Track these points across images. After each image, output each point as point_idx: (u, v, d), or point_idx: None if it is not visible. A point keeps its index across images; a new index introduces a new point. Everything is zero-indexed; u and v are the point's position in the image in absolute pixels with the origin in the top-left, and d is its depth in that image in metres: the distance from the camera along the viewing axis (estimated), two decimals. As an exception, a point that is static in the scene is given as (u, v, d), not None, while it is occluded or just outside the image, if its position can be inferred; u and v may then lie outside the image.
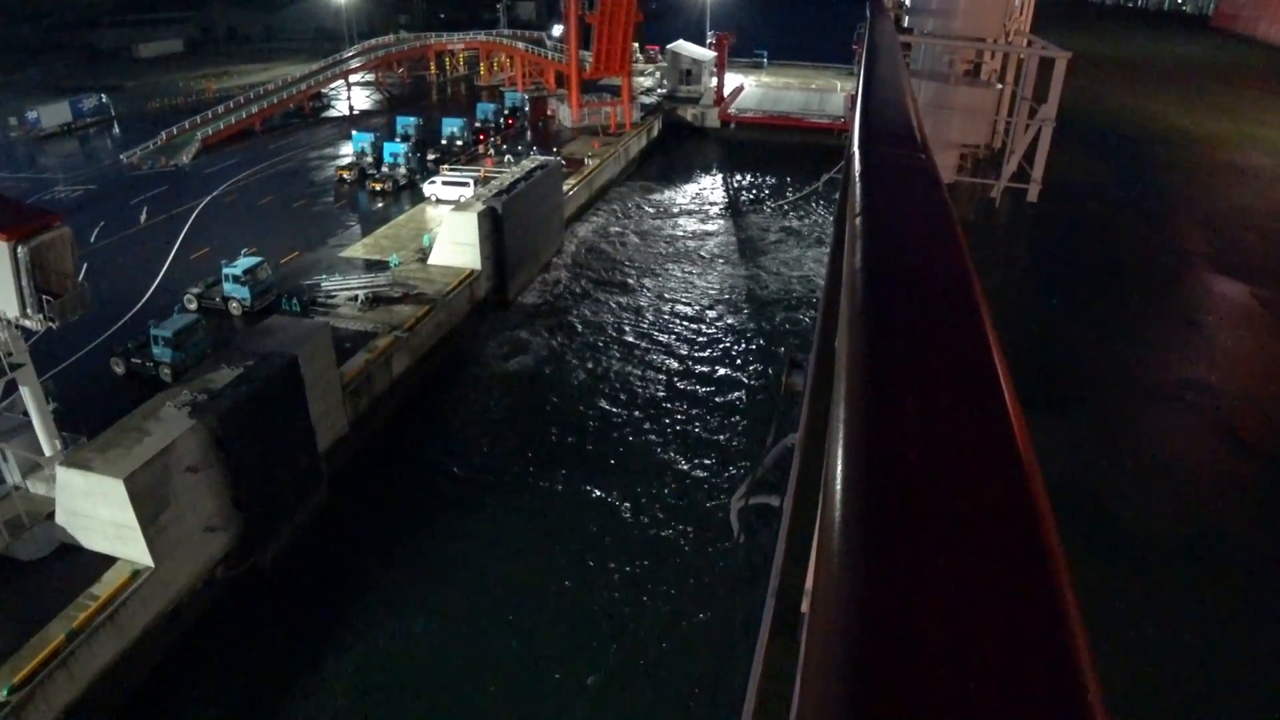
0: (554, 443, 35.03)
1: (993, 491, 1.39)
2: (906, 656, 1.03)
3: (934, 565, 1.19)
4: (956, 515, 1.31)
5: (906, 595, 1.13)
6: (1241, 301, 11.39)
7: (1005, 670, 1.01)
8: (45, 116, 75.56)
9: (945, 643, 1.05)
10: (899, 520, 1.31)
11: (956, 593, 1.13)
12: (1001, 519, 1.30)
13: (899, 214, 3.02)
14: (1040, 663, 1.03)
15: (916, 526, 1.28)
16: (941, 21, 14.13)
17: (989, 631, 1.07)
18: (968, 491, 1.39)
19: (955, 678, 1.00)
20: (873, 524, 1.31)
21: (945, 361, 1.89)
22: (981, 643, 1.05)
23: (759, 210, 64.81)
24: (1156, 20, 62.61)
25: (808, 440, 4.92)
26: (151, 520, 23.64)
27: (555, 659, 25.15)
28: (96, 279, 37.70)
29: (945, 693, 0.98)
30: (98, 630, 22.30)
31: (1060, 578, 1.15)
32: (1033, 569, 1.18)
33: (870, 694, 0.99)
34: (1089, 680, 0.99)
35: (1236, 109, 26.21)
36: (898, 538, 1.27)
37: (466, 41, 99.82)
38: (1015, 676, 1.00)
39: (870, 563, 1.22)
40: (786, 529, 4.57)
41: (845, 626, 1.11)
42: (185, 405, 25.53)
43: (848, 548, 1.27)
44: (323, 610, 26.62)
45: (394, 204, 55.77)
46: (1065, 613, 1.09)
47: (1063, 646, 1.04)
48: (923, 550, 1.23)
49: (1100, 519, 6.75)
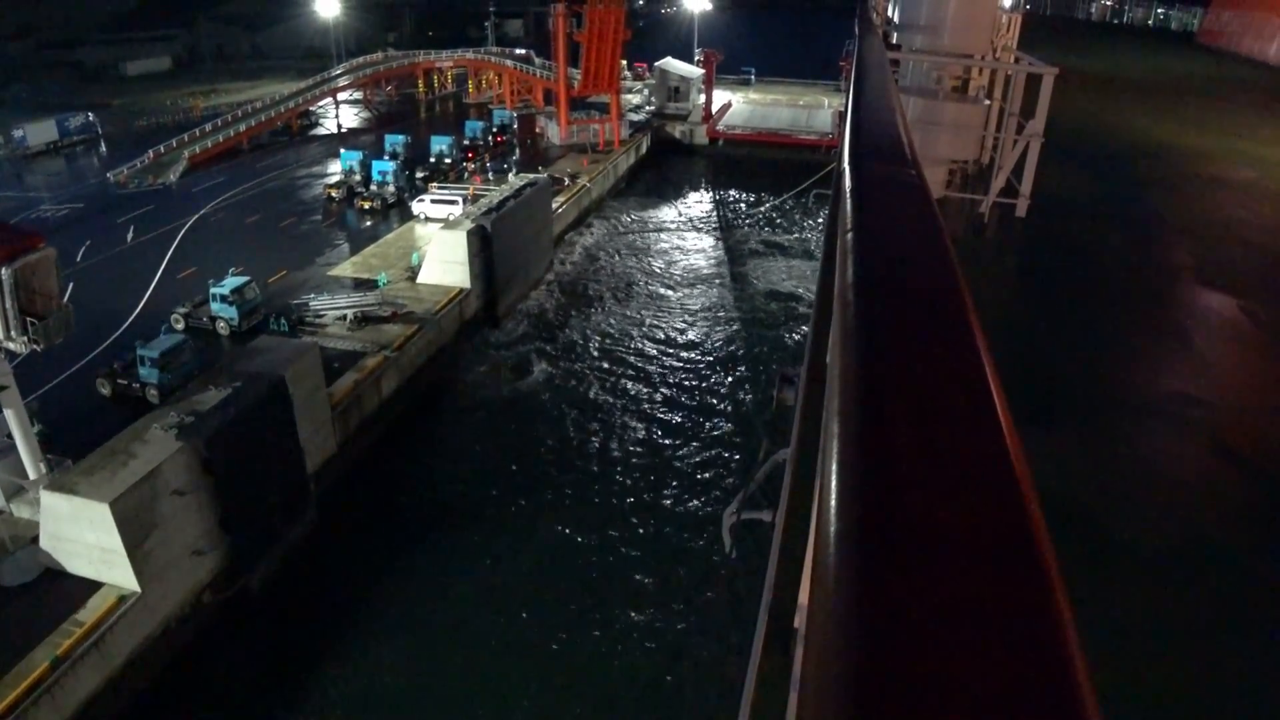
0: (544, 462, 34.91)
1: (989, 506, 1.39)
2: (906, 672, 1.03)
3: (933, 582, 1.19)
4: (954, 530, 1.31)
5: (905, 612, 1.14)
6: (1229, 315, 11.48)
7: (1003, 685, 1.01)
8: (31, 135, 75.19)
9: (945, 658, 1.05)
10: (897, 536, 1.31)
11: (956, 609, 1.14)
12: (998, 534, 1.30)
13: (890, 229, 3.03)
14: (1038, 680, 1.02)
15: (914, 543, 1.28)
16: (929, 38, 14.25)
17: (986, 647, 1.07)
18: (965, 506, 1.39)
19: (954, 693, 0.99)
20: (871, 540, 1.31)
21: (939, 375, 1.89)
22: (979, 658, 1.05)
23: (747, 226, 65.11)
24: (1142, 36, 63.36)
25: (799, 455, 4.91)
26: (138, 545, 23.35)
27: (544, 682, 24.95)
28: (82, 299, 37.59)
29: (945, 708, 0.97)
30: (83, 657, 21.91)
31: (1056, 593, 1.15)
32: (1030, 585, 1.18)
33: (870, 711, 0.99)
34: (1087, 697, 0.99)
35: (1221, 123, 26.53)
36: (895, 554, 1.27)
37: (455, 59, 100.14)
38: (1013, 692, 1.00)
39: (868, 579, 1.22)
40: (778, 544, 4.55)
41: (844, 643, 1.11)
42: (172, 427, 25.31)
43: (845, 564, 1.26)
44: (312, 634, 26.33)
45: (382, 222, 55.73)
46: (1062, 628, 1.09)
47: (1060, 663, 1.04)
48: (921, 566, 1.23)
49: (1091, 531, 6.76)
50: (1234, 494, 7.65)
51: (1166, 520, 7.25)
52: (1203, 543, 7.01)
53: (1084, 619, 1.11)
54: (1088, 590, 5.55)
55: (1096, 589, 5.84)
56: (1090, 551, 6.41)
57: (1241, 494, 7.67)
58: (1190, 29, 60.24)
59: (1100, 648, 5.46)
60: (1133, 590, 6.30)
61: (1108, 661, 4.96)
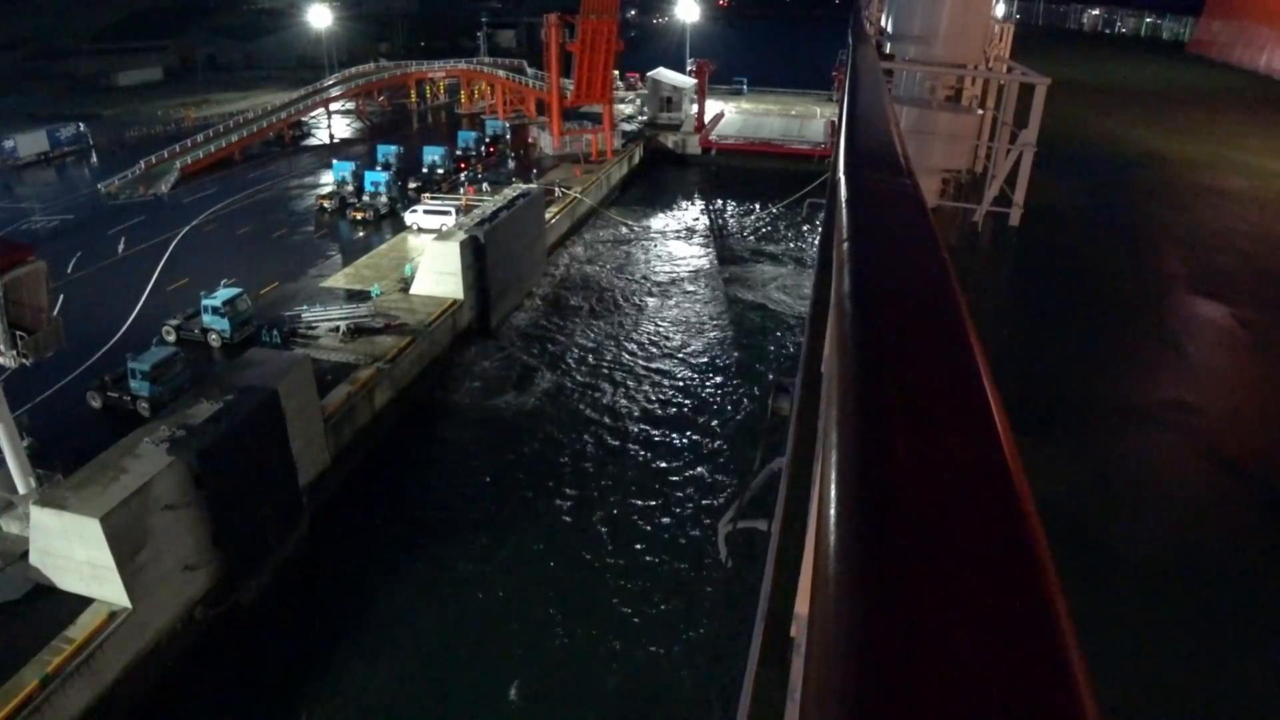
0: (538, 474, 34.81)
1: (987, 514, 1.39)
2: (907, 682, 1.03)
3: (933, 592, 1.20)
4: (953, 540, 1.31)
5: (905, 622, 1.14)
6: (1222, 323, 11.52)
7: (1004, 696, 1.00)
8: (22, 145, 75.00)
9: (946, 668, 1.05)
10: (896, 546, 1.31)
11: (956, 619, 1.16)
12: (997, 543, 1.31)
13: (885, 238, 3.03)
14: (1039, 691, 1.02)
15: (913, 552, 1.28)
16: (923, 48, 14.32)
17: (986, 657, 1.07)
18: (963, 515, 1.39)
19: (955, 703, 1.00)
20: (870, 550, 1.31)
21: (935, 384, 1.88)
22: (979, 668, 1.05)
23: (740, 236, 65.29)
24: (1134, 46, 63.78)
25: (795, 464, 4.90)
26: (129, 560, 23.11)
27: (537, 699, 24.82)
28: (73, 310, 37.46)
29: (947, 718, 0.97)
30: (73, 675, 21.64)
31: (1056, 602, 1.16)
32: (1029, 595, 1.19)
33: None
34: (1088, 708, 0.99)
35: (1212, 132, 26.71)
36: (895, 564, 1.27)
37: (447, 69, 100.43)
38: (1014, 702, 1.00)
39: (868, 590, 1.22)
40: (774, 553, 4.54)
41: (844, 653, 1.11)
42: (164, 441, 25.12)
43: (844, 574, 1.26)
44: (304, 649, 26.11)
45: (375, 233, 55.67)
46: (1062, 638, 1.09)
47: (1061, 673, 1.04)
48: (920, 576, 1.23)
49: (1087, 539, 6.76)
50: (1230, 501, 7.67)
51: (1162, 527, 7.26)
52: (1198, 550, 7.01)
53: (1082, 627, 1.11)
54: (1086, 598, 5.55)
55: (1094, 597, 5.83)
56: (1087, 559, 6.41)
57: (1237, 501, 7.69)
58: (1181, 39, 60.63)
59: (1098, 656, 5.45)
60: (1130, 598, 6.30)
61: (1106, 670, 4.96)
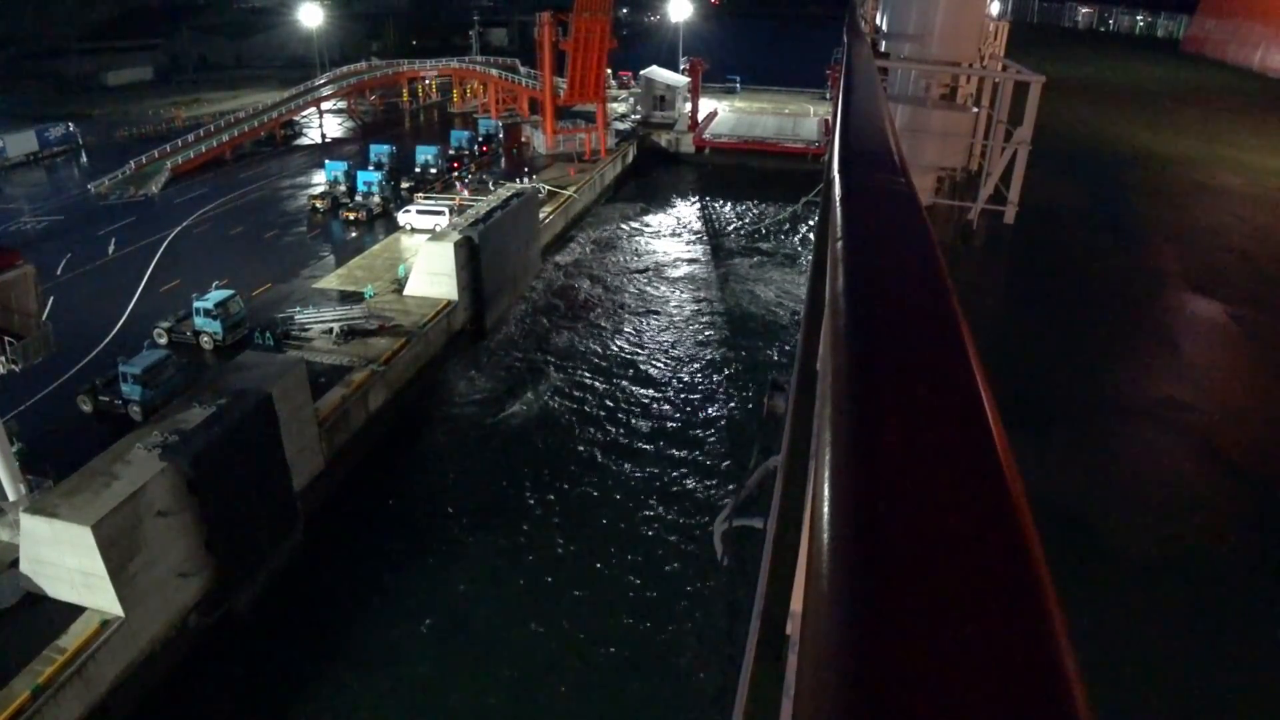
0: (533, 476, 34.73)
1: (981, 511, 1.39)
2: (901, 678, 1.02)
3: (927, 589, 1.20)
4: (947, 537, 1.32)
5: (899, 618, 1.13)
6: (1217, 319, 11.55)
7: (998, 692, 1.00)
8: (11, 146, 74.55)
9: (940, 665, 1.05)
10: (890, 543, 1.31)
11: (950, 615, 1.14)
12: (990, 540, 1.31)
13: (880, 237, 3.02)
14: (1033, 688, 1.02)
15: (907, 549, 1.28)
16: (918, 46, 14.32)
17: (980, 653, 1.06)
18: (957, 512, 1.39)
19: (950, 699, 0.99)
20: (864, 546, 1.31)
21: (930, 382, 1.88)
22: (974, 664, 1.05)
23: (734, 234, 65.33)
24: (1128, 44, 64.01)
25: (790, 462, 4.90)
26: (121, 568, 22.90)
27: (533, 703, 24.77)
28: (63, 313, 37.26)
29: (942, 714, 0.97)
30: (65, 685, 21.42)
31: (1049, 600, 1.16)
32: (1023, 592, 1.19)
33: (866, 717, 0.98)
34: (1081, 705, 0.98)
35: (1206, 130, 26.80)
36: (889, 561, 1.26)
37: (439, 68, 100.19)
38: (1008, 699, 1.00)
39: (862, 586, 1.22)
40: (770, 551, 4.54)
41: (839, 650, 1.10)
42: (155, 447, 24.85)
43: (838, 570, 1.26)
44: (299, 655, 25.99)
45: (368, 234, 55.49)
46: (1055, 636, 1.09)
47: (1054, 671, 1.03)
48: (914, 573, 1.23)
49: (1081, 536, 6.77)
50: (1224, 498, 7.69)
51: (1157, 524, 7.28)
52: (1193, 547, 7.03)
53: (1075, 624, 1.11)
54: (1079, 595, 5.56)
55: (1088, 594, 5.84)
56: (1082, 555, 6.42)
57: (1232, 498, 7.71)
58: (1175, 37, 60.87)
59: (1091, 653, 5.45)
60: (1123, 595, 6.31)
61: (1099, 668, 4.96)
